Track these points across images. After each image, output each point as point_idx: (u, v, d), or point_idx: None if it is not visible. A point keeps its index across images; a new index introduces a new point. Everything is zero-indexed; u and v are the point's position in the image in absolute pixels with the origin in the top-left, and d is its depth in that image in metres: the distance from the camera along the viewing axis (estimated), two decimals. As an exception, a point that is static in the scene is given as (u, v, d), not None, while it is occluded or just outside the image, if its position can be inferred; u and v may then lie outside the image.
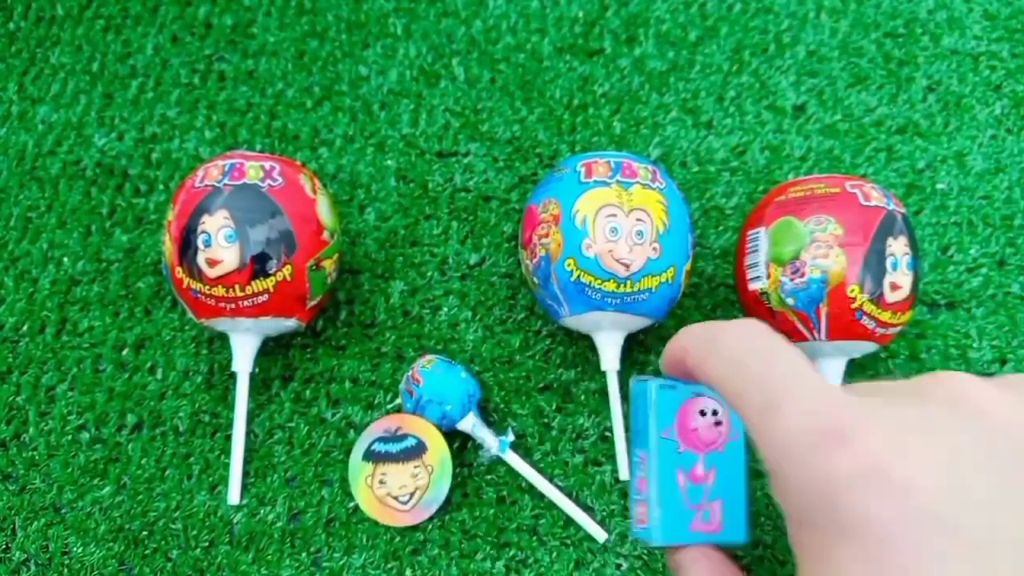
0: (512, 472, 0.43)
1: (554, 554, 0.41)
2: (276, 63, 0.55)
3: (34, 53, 0.56)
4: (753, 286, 0.40)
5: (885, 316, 0.38)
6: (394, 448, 0.41)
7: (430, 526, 0.42)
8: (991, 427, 0.21)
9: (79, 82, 0.55)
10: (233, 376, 0.45)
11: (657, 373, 0.26)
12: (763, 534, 0.40)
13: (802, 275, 0.38)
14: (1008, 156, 0.50)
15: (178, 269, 0.40)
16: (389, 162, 0.51)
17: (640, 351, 0.45)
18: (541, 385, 0.45)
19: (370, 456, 0.41)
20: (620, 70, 0.54)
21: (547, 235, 0.40)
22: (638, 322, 0.41)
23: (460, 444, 0.43)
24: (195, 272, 0.40)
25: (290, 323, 0.42)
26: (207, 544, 0.42)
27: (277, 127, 0.53)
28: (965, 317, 0.46)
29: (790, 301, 0.38)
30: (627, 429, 0.40)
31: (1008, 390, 0.22)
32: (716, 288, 0.47)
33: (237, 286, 0.40)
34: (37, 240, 0.50)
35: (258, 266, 0.40)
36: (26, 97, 0.55)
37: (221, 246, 0.39)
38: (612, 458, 0.43)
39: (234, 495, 0.42)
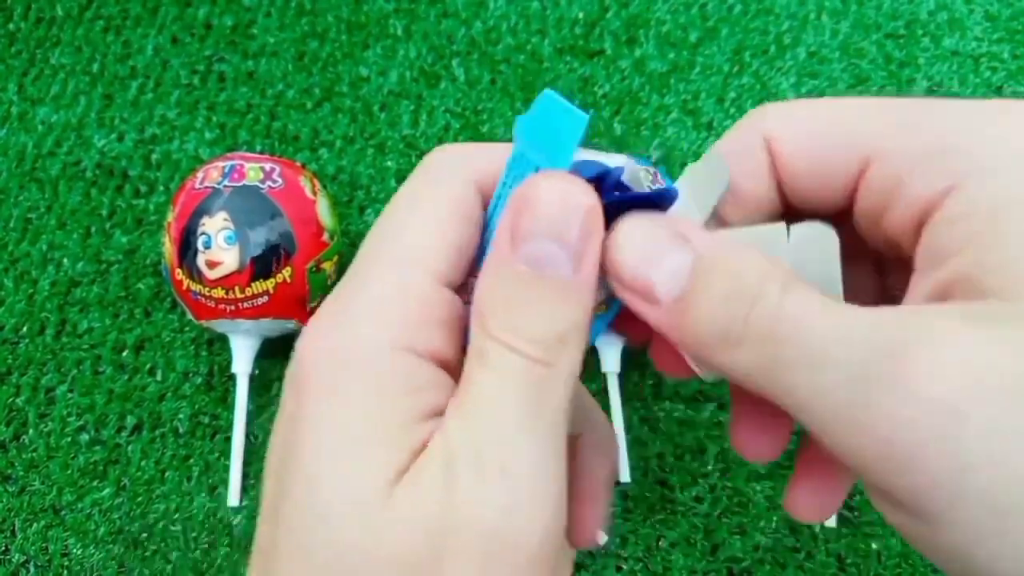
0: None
1: (554, 556, 0.41)
2: (276, 64, 0.55)
3: (34, 54, 0.56)
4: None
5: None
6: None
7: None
8: None
9: (79, 83, 0.55)
10: (233, 378, 0.45)
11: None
12: (763, 537, 0.40)
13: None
14: (1009, 158, 0.50)
15: (178, 271, 0.40)
16: (389, 163, 0.51)
17: (641, 352, 0.45)
18: (541, 387, 0.45)
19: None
20: (621, 71, 0.54)
21: (547, 237, 0.40)
22: (638, 324, 0.41)
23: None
24: (195, 274, 0.40)
25: (290, 325, 0.42)
26: (207, 546, 0.42)
27: (277, 128, 0.53)
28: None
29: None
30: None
31: None
32: (717, 290, 0.47)
33: (237, 288, 0.40)
34: (37, 241, 0.50)
35: (258, 267, 0.40)
36: (26, 98, 0.55)
37: (221, 248, 0.39)
38: (612, 460, 0.43)
39: (234, 497, 0.42)
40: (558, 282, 0.17)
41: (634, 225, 0.18)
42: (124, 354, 0.46)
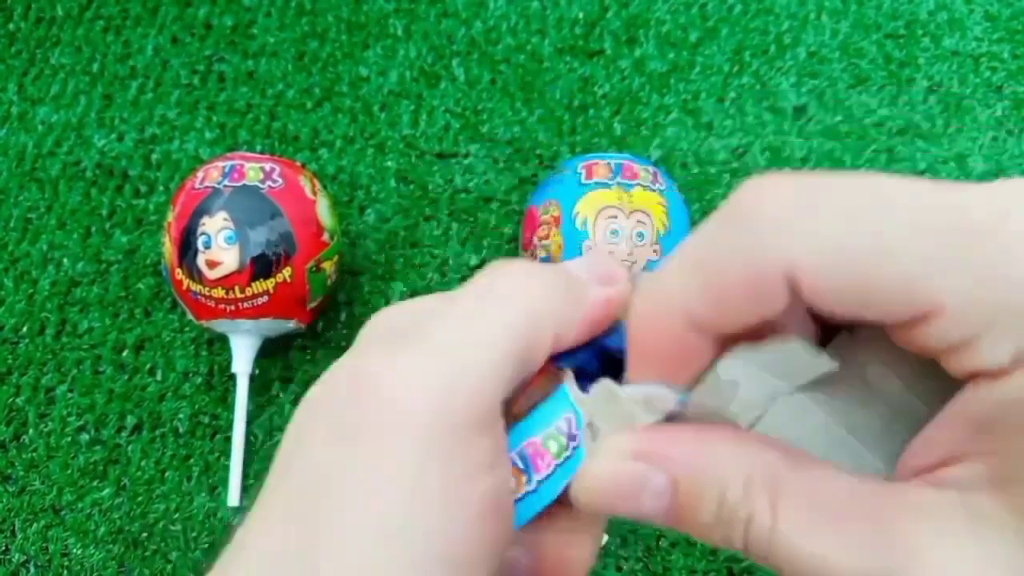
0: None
1: (554, 556, 0.41)
2: (276, 64, 0.55)
3: (34, 54, 0.56)
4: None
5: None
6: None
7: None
8: None
9: (79, 83, 0.55)
10: (233, 378, 0.45)
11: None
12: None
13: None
14: (1009, 158, 0.50)
15: (178, 271, 0.40)
16: (389, 163, 0.51)
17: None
18: (541, 387, 0.45)
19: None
20: (621, 71, 0.54)
21: (548, 237, 0.40)
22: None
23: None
24: (195, 274, 0.40)
25: (290, 325, 0.42)
26: (207, 546, 0.42)
27: (277, 128, 0.53)
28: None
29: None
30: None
31: None
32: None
33: (237, 288, 0.40)
34: (37, 241, 0.50)
35: (258, 267, 0.40)
36: (26, 98, 0.55)
37: (221, 248, 0.39)
38: (612, 460, 0.43)
39: (234, 497, 0.42)
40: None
41: (597, 467, 0.17)
42: (124, 354, 0.46)
